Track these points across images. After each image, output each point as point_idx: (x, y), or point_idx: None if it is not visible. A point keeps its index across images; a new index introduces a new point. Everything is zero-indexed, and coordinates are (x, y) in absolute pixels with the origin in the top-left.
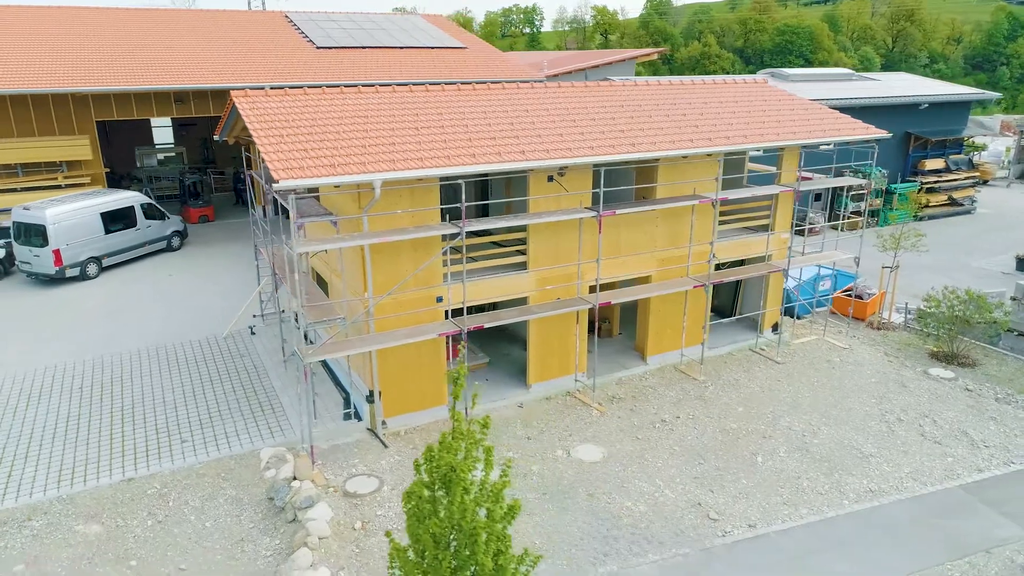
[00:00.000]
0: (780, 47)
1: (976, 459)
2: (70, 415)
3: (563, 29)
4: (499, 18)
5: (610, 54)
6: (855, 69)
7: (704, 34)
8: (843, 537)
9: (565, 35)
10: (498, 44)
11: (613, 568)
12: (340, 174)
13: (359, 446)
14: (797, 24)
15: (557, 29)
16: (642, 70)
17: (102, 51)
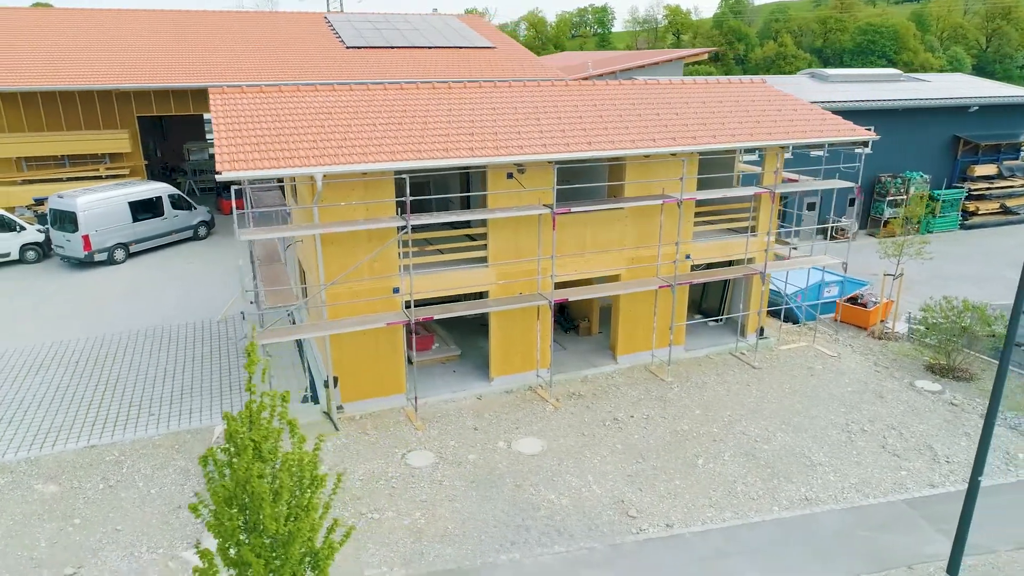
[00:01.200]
0: (861, 47)
1: (933, 474)
2: (59, 385)
3: (634, 29)
4: (573, 18)
5: (655, 54)
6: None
7: (780, 34)
8: (760, 543)
9: (636, 35)
10: (568, 45)
11: (516, 556)
12: (283, 167)
13: (312, 427)
14: (881, 23)
15: (628, 29)
16: (714, 70)
17: (146, 51)
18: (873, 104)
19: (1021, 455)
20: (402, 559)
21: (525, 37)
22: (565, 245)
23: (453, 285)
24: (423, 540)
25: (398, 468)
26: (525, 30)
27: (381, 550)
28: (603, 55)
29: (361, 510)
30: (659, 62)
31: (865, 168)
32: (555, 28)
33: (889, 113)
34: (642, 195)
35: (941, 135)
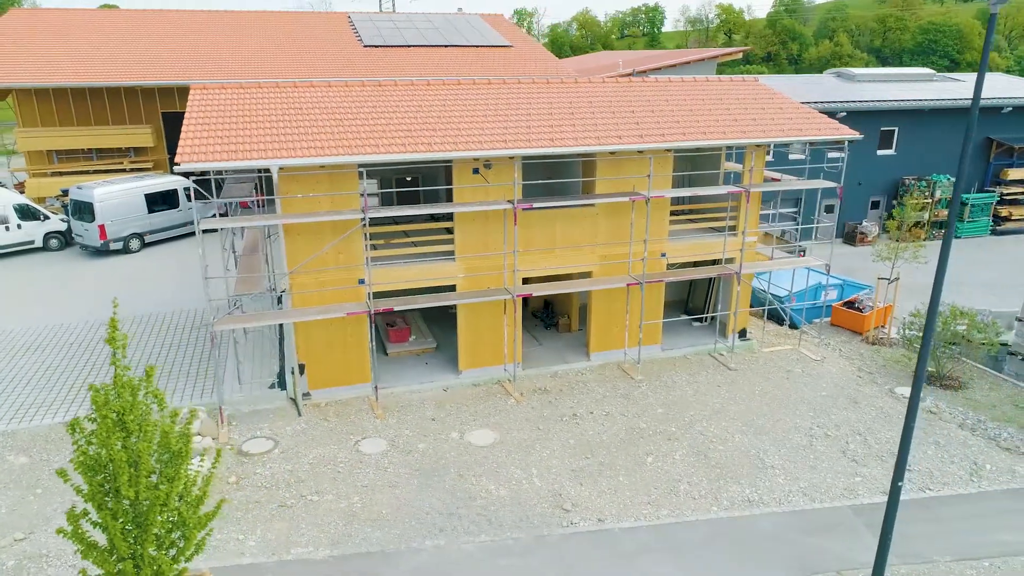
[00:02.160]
0: (922, 46)
1: (888, 482)
2: (50, 365)
3: (684, 29)
4: (626, 18)
5: (686, 54)
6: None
7: (837, 33)
8: (688, 542)
9: (687, 35)
10: (616, 44)
11: (440, 543)
12: (240, 159)
13: (277, 413)
14: (943, 22)
15: (678, 29)
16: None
17: (171, 49)
18: (898, 104)
19: (988, 466)
20: (330, 540)
21: (574, 37)
22: (534, 241)
23: (420, 277)
24: (355, 523)
25: (349, 454)
26: (575, 30)
27: (312, 530)
28: (635, 55)
29: (303, 492)
30: (690, 61)
31: (888, 170)
32: (603, 28)
33: (915, 113)
34: (613, 192)
35: (972, 137)
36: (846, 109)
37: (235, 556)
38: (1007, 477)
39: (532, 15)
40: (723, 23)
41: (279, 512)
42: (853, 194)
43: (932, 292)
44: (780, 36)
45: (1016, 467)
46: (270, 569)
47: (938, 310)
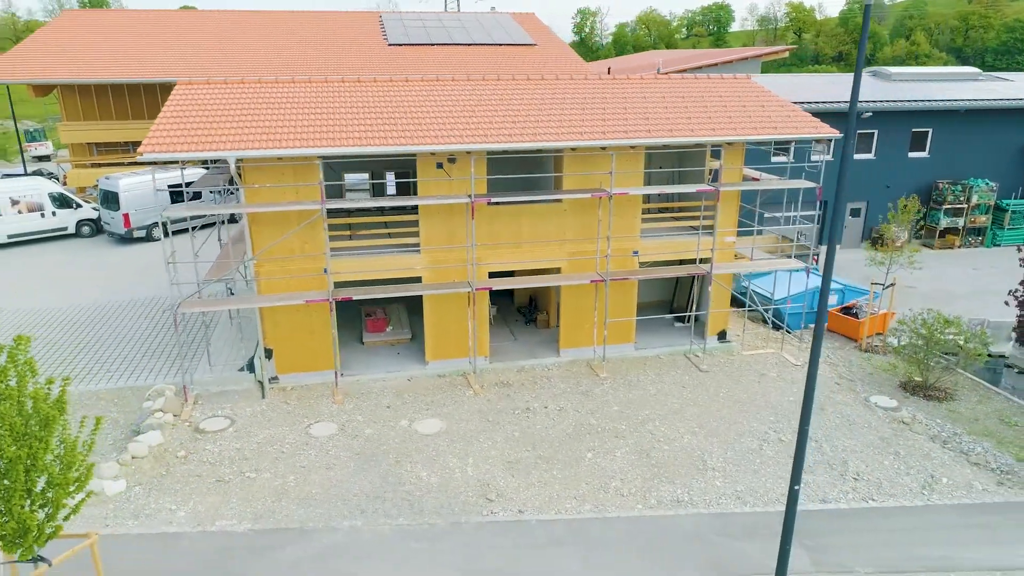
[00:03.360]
0: (1007, 45)
1: (831, 489)
2: (49, 341)
3: (751, 28)
4: (695, 17)
5: (728, 53)
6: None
7: (914, 31)
8: (602, 538)
9: (754, 34)
10: (680, 44)
11: (358, 524)
12: (200, 151)
13: (243, 394)
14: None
15: (745, 28)
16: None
17: (204, 47)
18: (931, 104)
19: (945, 480)
20: (255, 515)
21: (636, 36)
22: (500, 235)
23: (386, 268)
24: (283, 500)
25: (298, 436)
26: (636, 29)
27: (240, 505)
28: (677, 54)
29: (243, 469)
30: (731, 60)
31: (920, 173)
32: (668, 27)
33: (950, 114)
34: (576, 189)
35: (1014, 140)
36: (873, 109)
37: (163, 524)
38: (962, 492)
39: (595, 14)
40: (792, 22)
41: (215, 486)
42: (881, 198)
43: (821, 286)
44: (852, 35)
45: (975, 482)
46: (190, 538)
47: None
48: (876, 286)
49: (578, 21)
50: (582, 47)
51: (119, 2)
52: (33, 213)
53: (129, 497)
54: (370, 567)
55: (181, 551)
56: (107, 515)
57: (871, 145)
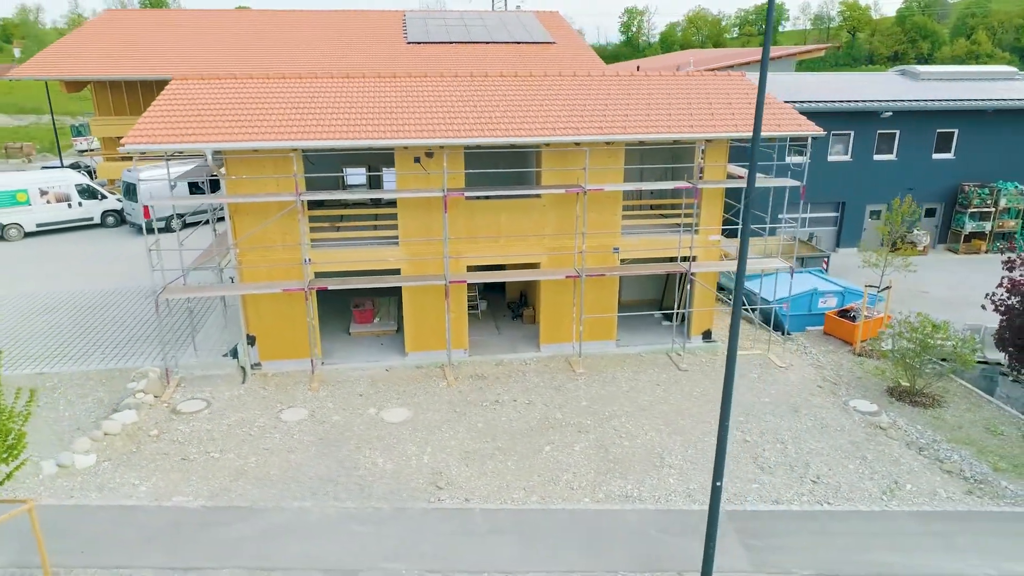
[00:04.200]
0: None
1: (787, 491)
2: (55, 324)
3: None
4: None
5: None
6: None
7: (976, 30)
8: (543, 528)
9: (806, 34)
10: (730, 43)
11: (306, 505)
12: (178, 142)
13: (224, 379)
14: None
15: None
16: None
17: (228, 46)
18: (956, 104)
19: (910, 486)
20: (210, 492)
21: (682, 35)
22: (479, 229)
23: (365, 260)
24: (240, 480)
25: (268, 420)
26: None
27: (199, 482)
28: (708, 53)
29: (209, 449)
30: None
31: (945, 176)
32: (715, 26)
33: (978, 115)
34: (552, 184)
35: None
36: (894, 108)
37: (124, 498)
38: (924, 499)
39: (642, 14)
40: (846, 20)
41: (179, 464)
42: None
43: (736, 279)
44: (909, 34)
45: (941, 490)
46: (146, 511)
47: (909, 321)
48: (871, 288)
49: (625, 20)
50: (628, 46)
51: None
52: (61, 203)
53: (97, 471)
54: (309, 546)
55: (135, 523)
56: (73, 487)
57: (892, 146)
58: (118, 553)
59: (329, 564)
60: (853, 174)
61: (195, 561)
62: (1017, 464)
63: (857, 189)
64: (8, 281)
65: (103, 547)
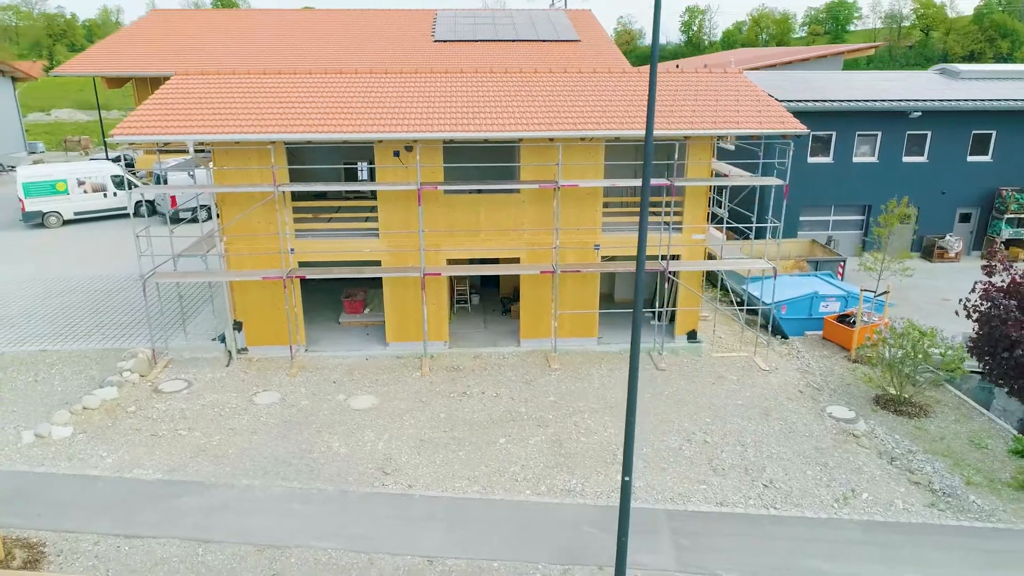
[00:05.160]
0: None
1: (736, 494)
2: (68, 304)
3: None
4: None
5: (807, 50)
6: None
7: None
8: (476, 517)
9: (875, 33)
10: (794, 42)
11: (255, 483)
12: (164, 134)
13: (210, 362)
14: None
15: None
16: None
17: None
18: (996, 104)
19: (866, 495)
20: (168, 467)
21: (744, 35)
22: (458, 223)
23: (347, 250)
24: (199, 457)
25: (240, 402)
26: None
27: (162, 456)
28: (752, 52)
29: (178, 427)
30: (809, 58)
31: (981, 179)
32: (781, 24)
33: (1020, 115)
34: (527, 180)
35: None
36: (924, 108)
37: (89, 467)
38: (879, 509)
39: (704, 12)
40: (920, 18)
41: (148, 440)
42: (935, 204)
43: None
44: (987, 33)
45: (899, 501)
46: (106, 481)
47: (894, 328)
48: (867, 292)
49: (685, 20)
50: (689, 46)
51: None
52: (97, 193)
53: (71, 442)
54: (247, 522)
55: (94, 492)
56: (46, 456)
57: (923, 147)
58: (72, 519)
59: (261, 539)
60: (880, 176)
61: (139, 530)
62: (993, 479)
63: (884, 192)
64: (39, 265)
65: (60, 512)
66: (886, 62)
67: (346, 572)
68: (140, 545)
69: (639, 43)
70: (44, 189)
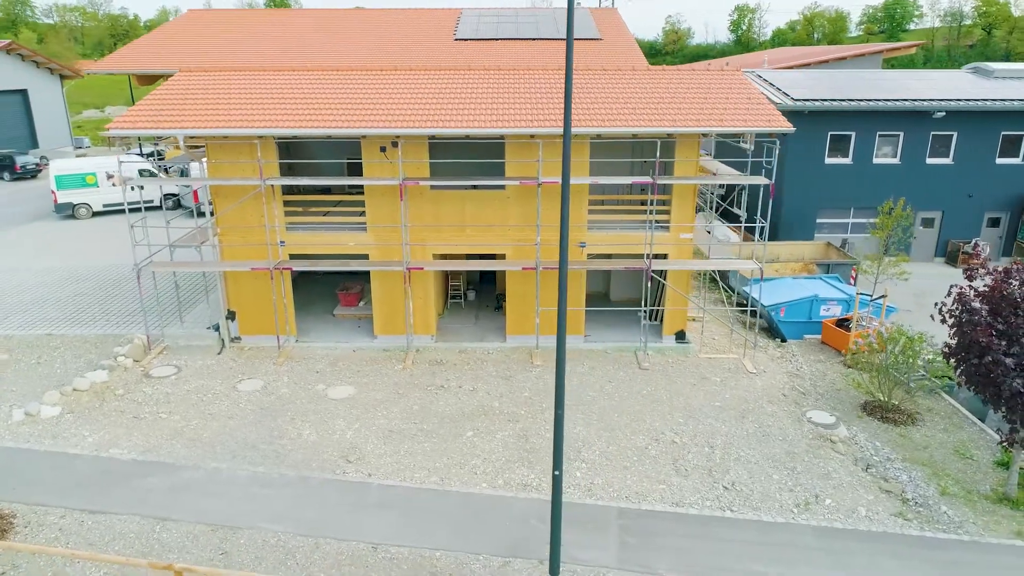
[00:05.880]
0: None
1: (695, 495)
2: (78, 292)
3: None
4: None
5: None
6: None
7: None
8: (428, 507)
9: (932, 32)
10: (846, 41)
11: (222, 466)
12: (155, 128)
13: (203, 349)
14: None
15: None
16: None
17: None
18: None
19: (829, 501)
20: (144, 448)
21: (795, 34)
22: (443, 219)
23: (335, 243)
24: (175, 439)
25: (224, 388)
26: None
27: (139, 438)
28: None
29: (160, 410)
30: (846, 56)
31: (1012, 182)
32: (834, 23)
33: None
34: (511, 176)
35: None
36: (949, 108)
37: (70, 446)
38: (839, 516)
39: (754, 11)
40: (982, 16)
41: (130, 422)
42: (962, 208)
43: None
44: None
45: (863, 508)
46: (83, 459)
47: (879, 332)
48: (864, 296)
49: (735, 18)
50: (738, 45)
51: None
52: None
53: (58, 422)
54: (207, 503)
55: (71, 469)
56: (32, 433)
57: (948, 148)
58: (45, 493)
59: (216, 520)
60: (902, 178)
61: (105, 506)
62: (971, 491)
63: (907, 194)
64: (62, 254)
65: (35, 487)
66: (943, 62)
67: (291, 554)
68: (103, 520)
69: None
70: (75, 182)
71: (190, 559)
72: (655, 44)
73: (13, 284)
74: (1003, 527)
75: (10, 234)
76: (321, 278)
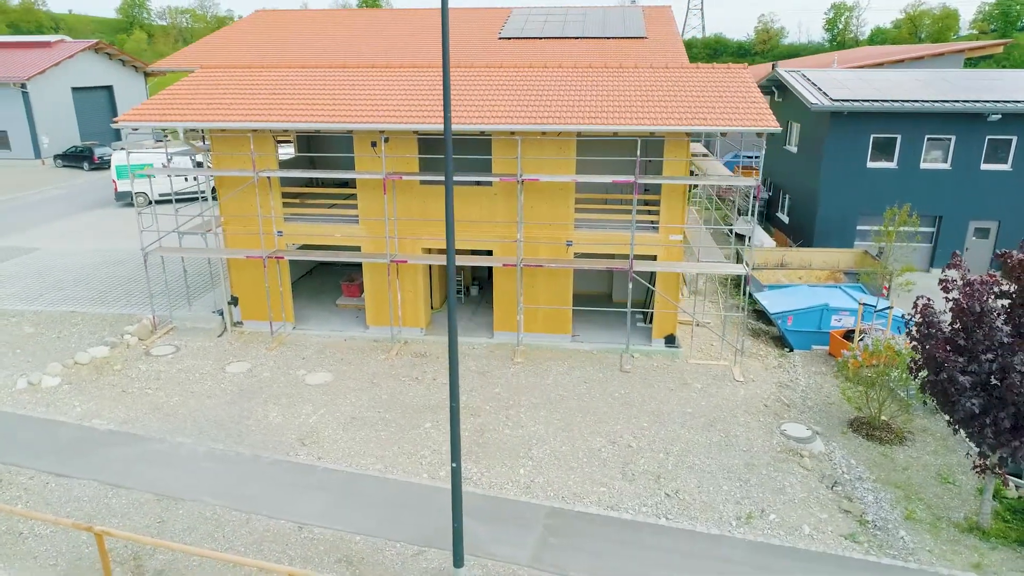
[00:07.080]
0: None
1: (633, 500)
2: (111, 275)
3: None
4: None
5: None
6: None
7: None
8: (362, 493)
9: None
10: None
11: (186, 441)
12: (158, 120)
13: (206, 332)
14: None
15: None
16: None
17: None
18: None
19: (773, 517)
20: (122, 419)
21: (897, 33)
22: (432, 213)
23: (329, 234)
24: (153, 414)
25: (212, 369)
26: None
27: (121, 410)
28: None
29: (147, 386)
30: (923, 56)
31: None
32: (939, 21)
33: None
34: (492, 174)
35: None
36: (1007, 111)
37: (60, 414)
38: (779, 532)
39: (851, 9)
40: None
41: (117, 395)
42: (1021, 217)
43: (448, 271)
44: None
45: (807, 527)
46: (66, 427)
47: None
48: (867, 306)
49: (830, 17)
50: (834, 44)
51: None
52: (179, 178)
53: (55, 391)
54: (160, 473)
55: (53, 435)
56: (30, 401)
57: (1007, 154)
58: (22, 455)
59: (162, 490)
60: (954, 185)
61: (70, 470)
62: (940, 517)
63: (958, 202)
64: (113, 238)
65: (16, 448)
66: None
67: (222, 527)
68: (64, 483)
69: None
70: None
71: (128, 525)
72: (744, 44)
73: (58, 265)
74: (960, 558)
75: (75, 220)
76: (331, 269)
